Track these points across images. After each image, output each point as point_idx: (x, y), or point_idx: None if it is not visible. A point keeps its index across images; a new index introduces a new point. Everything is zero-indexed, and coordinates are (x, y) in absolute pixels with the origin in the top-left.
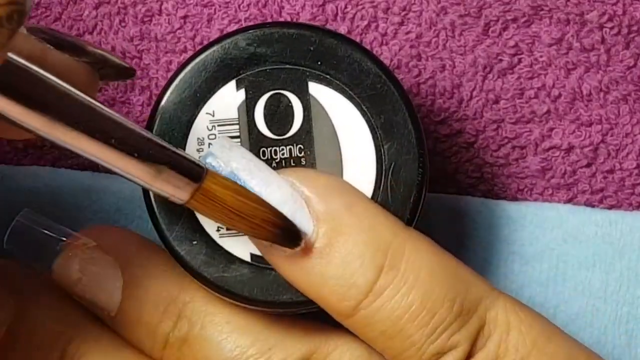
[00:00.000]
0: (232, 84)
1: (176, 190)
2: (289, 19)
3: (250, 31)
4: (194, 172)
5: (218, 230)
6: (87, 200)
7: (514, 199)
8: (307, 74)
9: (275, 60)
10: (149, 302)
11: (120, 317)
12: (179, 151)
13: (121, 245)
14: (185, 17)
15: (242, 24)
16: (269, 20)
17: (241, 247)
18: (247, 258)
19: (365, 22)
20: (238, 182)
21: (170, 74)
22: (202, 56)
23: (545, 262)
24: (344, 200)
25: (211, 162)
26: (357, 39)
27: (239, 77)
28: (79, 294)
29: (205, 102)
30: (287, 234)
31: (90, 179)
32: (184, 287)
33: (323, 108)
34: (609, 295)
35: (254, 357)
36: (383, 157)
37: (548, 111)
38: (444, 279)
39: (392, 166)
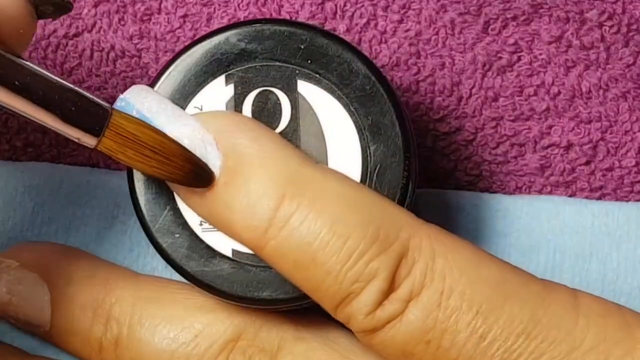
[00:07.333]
0: (222, 79)
1: (84, 134)
2: (287, 18)
3: (241, 27)
4: (100, 113)
5: (201, 225)
6: (86, 196)
7: None
8: (297, 72)
9: (266, 57)
10: (76, 309)
11: (54, 331)
12: (83, 92)
13: (42, 259)
14: (184, 16)
15: None
16: None
17: (223, 242)
18: (229, 253)
19: (365, 20)
20: (146, 121)
21: None
22: (192, 50)
23: (542, 254)
24: (249, 135)
25: (120, 104)
26: (356, 37)
27: (229, 72)
28: (12, 315)
29: (193, 96)
30: (199, 172)
31: (88, 174)
32: (109, 289)
33: (311, 107)
34: (606, 285)
35: (182, 347)
36: (369, 158)
37: (547, 109)
38: (357, 206)
39: (377, 168)
